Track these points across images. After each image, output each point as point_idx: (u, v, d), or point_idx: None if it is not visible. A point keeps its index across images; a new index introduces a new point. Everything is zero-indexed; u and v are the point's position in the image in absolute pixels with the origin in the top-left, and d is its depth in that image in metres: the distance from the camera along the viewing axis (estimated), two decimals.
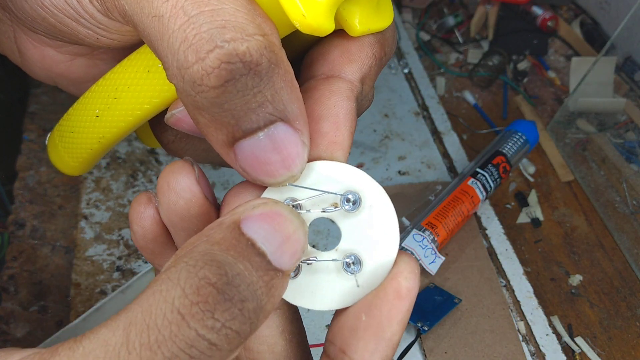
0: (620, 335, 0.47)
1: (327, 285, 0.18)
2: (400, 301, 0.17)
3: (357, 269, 0.18)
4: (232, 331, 0.14)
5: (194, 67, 0.15)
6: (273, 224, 0.16)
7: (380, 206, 0.18)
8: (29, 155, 0.58)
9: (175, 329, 0.13)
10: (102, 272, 0.48)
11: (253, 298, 0.15)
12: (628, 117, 0.60)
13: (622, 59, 0.63)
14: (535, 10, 0.72)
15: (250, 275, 0.15)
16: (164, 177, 0.20)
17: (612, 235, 0.54)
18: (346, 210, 0.18)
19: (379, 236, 0.18)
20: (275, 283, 0.15)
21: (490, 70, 0.67)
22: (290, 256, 0.16)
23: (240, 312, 0.14)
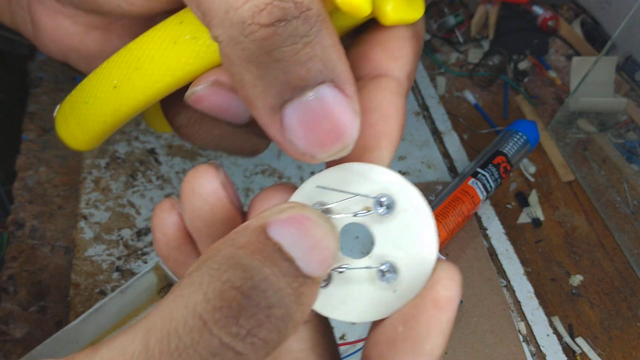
0: (621, 335, 0.47)
1: (361, 295, 0.17)
2: (439, 312, 0.16)
3: (393, 277, 0.17)
4: (258, 339, 0.13)
5: (245, 5, 0.14)
6: (301, 229, 0.15)
7: (416, 210, 0.17)
8: (28, 155, 0.58)
9: (197, 336, 0.13)
10: (101, 272, 0.48)
11: (281, 305, 0.14)
12: (629, 117, 0.60)
13: (622, 58, 0.63)
14: (535, 9, 0.71)
15: (278, 280, 0.14)
16: (189, 181, 0.19)
17: (613, 235, 0.54)
18: (379, 214, 0.17)
19: (415, 242, 0.17)
20: (304, 291, 0.14)
21: (491, 69, 0.67)
22: (320, 262, 0.15)
23: (267, 319, 0.13)
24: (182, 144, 0.59)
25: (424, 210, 0.17)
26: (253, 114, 0.16)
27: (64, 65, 0.70)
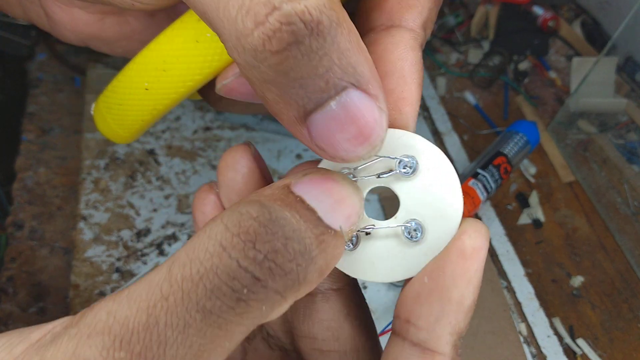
0: (621, 336, 0.47)
1: (389, 255, 0.17)
2: (464, 260, 0.15)
3: (419, 235, 0.17)
4: (275, 265, 0.13)
5: (254, 33, 0.14)
6: (324, 187, 0.15)
7: (440, 168, 0.17)
8: (27, 156, 0.58)
9: (217, 260, 0.13)
10: (101, 273, 0.48)
11: (299, 241, 0.14)
12: (629, 117, 0.60)
13: (623, 59, 0.63)
14: (536, 10, 0.71)
15: (298, 223, 0.14)
16: (223, 158, 0.20)
17: (614, 236, 0.54)
18: (403, 174, 0.17)
19: (440, 199, 0.17)
20: (326, 239, 0.15)
21: (491, 70, 0.67)
22: (344, 218, 0.15)
23: (284, 248, 0.14)
24: (181, 144, 0.59)
25: (448, 167, 0.17)
26: (281, 123, 0.17)
27: (63, 65, 0.70)
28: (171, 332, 0.13)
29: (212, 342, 0.13)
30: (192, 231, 0.51)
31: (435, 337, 0.15)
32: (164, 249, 0.50)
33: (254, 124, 0.61)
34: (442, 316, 0.15)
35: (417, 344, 0.15)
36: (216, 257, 0.13)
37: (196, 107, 0.62)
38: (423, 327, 0.15)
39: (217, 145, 0.59)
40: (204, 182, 0.55)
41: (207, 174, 0.56)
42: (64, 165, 0.58)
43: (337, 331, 0.18)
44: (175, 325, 0.13)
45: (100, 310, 0.13)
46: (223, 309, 0.13)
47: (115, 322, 0.13)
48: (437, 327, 0.15)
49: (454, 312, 0.15)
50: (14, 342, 0.14)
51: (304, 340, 0.19)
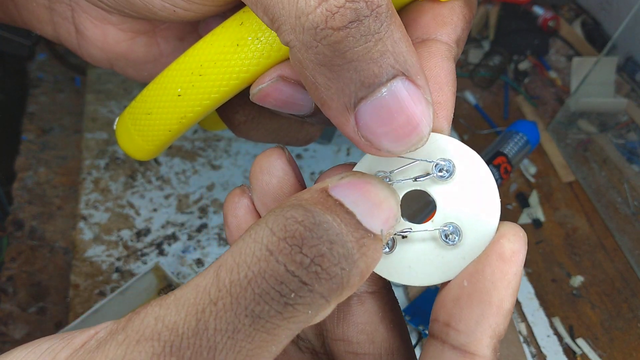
0: (621, 336, 0.47)
1: (426, 258, 0.17)
2: (504, 263, 0.15)
3: (457, 238, 0.17)
4: (322, 270, 0.13)
5: (317, 10, 0.14)
6: (361, 191, 0.15)
7: (476, 171, 0.17)
8: (27, 156, 0.58)
9: (264, 264, 0.13)
10: (101, 273, 0.48)
11: (342, 244, 0.14)
12: (629, 117, 0.60)
13: (623, 59, 0.62)
14: (536, 10, 0.71)
15: (339, 226, 0.14)
16: (257, 162, 0.20)
17: (614, 236, 0.54)
18: (439, 178, 0.17)
19: (477, 203, 0.17)
20: (366, 242, 0.15)
21: (491, 70, 0.67)
22: (382, 221, 0.15)
23: (329, 251, 0.14)
24: (181, 144, 0.59)
25: (484, 171, 0.17)
26: (326, 114, 0.16)
27: (63, 65, 0.70)
28: (220, 337, 0.13)
29: (260, 347, 0.13)
30: (192, 230, 0.51)
31: (476, 340, 0.15)
32: (163, 249, 0.50)
33: None
34: (482, 319, 0.15)
35: (457, 347, 0.15)
36: (263, 262, 0.13)
37: None
38: (463, 330, 0.15)
39: (217, 145, 0.59)
40: (203, 182, 0.55)
41: (207, 173, 0.56)
42: (64, 165, 0.58)
43: (372, 334, 0.18)
44: (225, 330, 0.13)
45: (147, 315, 0.13)
46: (271, 314, 0.13)
47: (164, 327, 0.13)
48: (477, 330, 0.15)
49: (494, 316, 0.15)
50: (56, 348, 0.14)
51: (338, 344, 0.19)
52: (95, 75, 0.65)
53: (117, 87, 0.64)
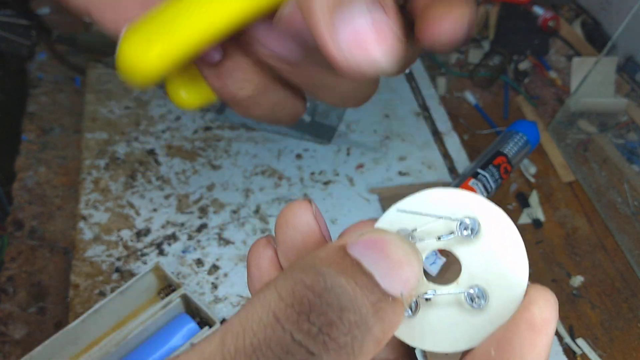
0: (621, 336, 0.47)
1: (450, 322, 0.16)
2: (534, 333, 0.14)
3: (483, 302, 0.16)
4: (330, 340, 0.13)
5: None
6: (382, 249, 0.15)
7: (503, 231, 0.16)
8: (27, 156, 0.58)
9: (270, 332, 0.13)
10: (101, 273, 0.48)
11: (355, 311, 0.13)
12: (629, 117, 0.60)
13: (623, 59, 0.63)
14: (536, 10, 0.71)
15: (354, 290, 0.14)
16: (283, 214, 0.19)
17: (614, 236, 0.54)
18: (464, 236, 0.16)
19: (505, 264, 0.16)
20: (383, 307, 0.14)
21: (491, 70, 0.67)
22: (402, 283, 0.14)
23: (339, 320, 0.13)
24: (181, 144, 0.59)
25: (512, 230, 0.16)
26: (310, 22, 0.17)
27: (63, 65, 0.70)
28: None
29: None
30: (192, 230, 0.51)
31: None
32: (163, 249, 0.50)
33: (254, 123, 0.61)
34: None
35: None
36: (269, 329, 0.13)
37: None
38: None
39: (217, 145, 0.59)
40: (203, 182, 0.55)
41: (207, 173, 0.56)
42: (64, 165, 0.58)
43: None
44: None
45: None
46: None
47: None
48: None
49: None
50: None
51: None
52: (95, 75, 0.65)
53: (117, 87, 0.64)
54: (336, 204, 0.54)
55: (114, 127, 0.60)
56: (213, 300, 0.46)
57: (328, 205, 0.54)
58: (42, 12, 0.74)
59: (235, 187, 0.55)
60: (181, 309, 0.43)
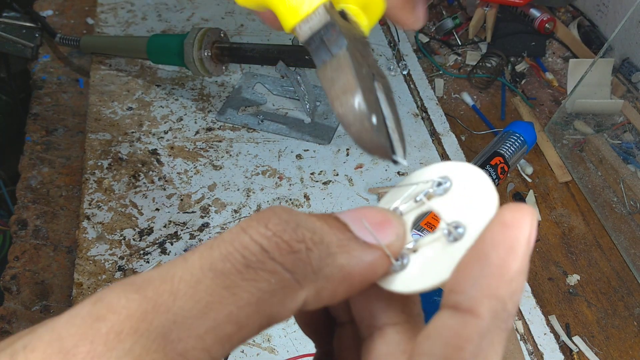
0: (617, 334, 0.48)
1: (436, 258, 0.17)
2: (505, 228, 0.15)
3: (462, 231, 0.17)
4: (282, 241, 0.14)
5: None
6: (363, 212, 0.17)
7: (470, 177, 0.18)
8: (31, 156, 0.59)
9: (235, 236, 0.15)
10: (104, 271, 0.49)
11: (314, 232, 0.15)
12: (625, 118, 0.61)
13: (619, 60, 0.63)
14: (533, 12, 0.72)
15: (322, 226, 0.15)
16: None
17: (610, 235, 0.55)
18: (437, 193, 0.18)
19: (477, 200, 0.17)
20: (351, 244, 0.16)
21: (489, 72, 0.68)
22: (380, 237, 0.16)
23: (293, 231, 0.15)
24: (183, 145, 0.59)
25: (477, 174, 0.18)
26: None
27: (67, 67, 0.70)
28: (183, 285, 0.14)
29: (220, 303, 0.14)
30: (194, 229, 0.52)
31: (470, 298, 0.14)
32: (166, 248, 0.50)
33: (255, 124, 0.61)
34: (479, 278, 0.15)
35: (452, 306, 0.15)
36: (234, 234, 0.15)
37: (198, 109, 0.63)
38: (460, 290, 0.15)
39: (219, 145, 0.59)
40: (205, 182, 0.56)
41: (208, 173, 0.57)
42: (68, 165, 0.58)
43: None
44: (188, 279, 0.14)
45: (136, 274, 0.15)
46: (232, 272, 0.14)
47: (139, 277, 0.14)
48: (472, 289, 0.15)
49: (491, 276, 0.14)
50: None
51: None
52: (98, 76, 0.66)
53: (119, 88, 0.65)
54: (335, 203, 0.54)
55: (117, 127, 0.61)
56: None
57: (327, 204, 0.54)
58: (45, 14, 0.75)
59: (237, 187, 0.56)
60: None
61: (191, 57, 0.59)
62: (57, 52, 0.70)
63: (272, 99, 0.65)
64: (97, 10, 0.75)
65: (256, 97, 0.65)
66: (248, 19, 0.75)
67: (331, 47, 0.20)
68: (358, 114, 0.20)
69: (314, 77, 0.67)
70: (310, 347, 0.44)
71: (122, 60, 0.68)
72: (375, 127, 0.20)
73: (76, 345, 0.13)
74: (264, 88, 0.66)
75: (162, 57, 0.63)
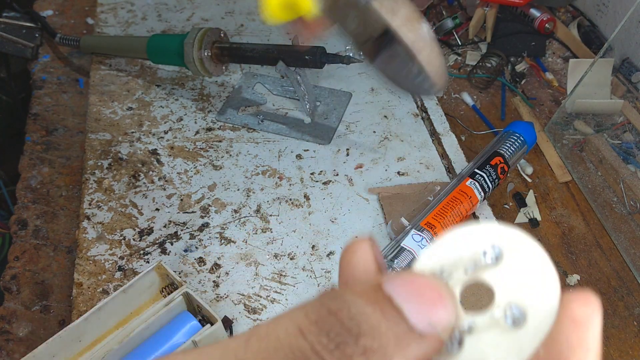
0: (617, 334, 0.48)
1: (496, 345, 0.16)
2: (579, 327, 0.15)
3: (522, 318, 0.16)
4: (344, 356, 0.14)
5: None
6: (416, 287, 0.15)
7: (525, 250, 0.17)
8: (31, 156, 0.59)
9: (294, 340, 0.14)
10: (104, 271, 0.49)
11: (374, 338, 0.14)
12: (625, 118, 0.61)
13: (619, 60, 0.63)
14: (533, 12, 0.72)
15: (378, 322, 0.14)
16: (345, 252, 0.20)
17: (610, 235, 0.55)
18: (489, 264, 0.17)
19: (534, 279, 0.17)
20: (408, 339, 0.15)
21: (489, 71, 0.68)
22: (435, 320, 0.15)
23: (355, 342, 0.14)
24: (183, 145, 0.59)
25: (534, 246, 0.17)
26: None
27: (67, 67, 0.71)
28: None
29: None
30: (194, 229, 0.52)
31: None
32: (166, 248, 0.50)
33: (255, 124, 0.61)
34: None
35: None
36: (293, 337, 0.14)
37: (198, 109, 0.63)
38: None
39: (219, 145, 0.59)
40: (205, 181, 0.56)
41: (208, 173, 0.57)
42: (68, 165, 0.58)
43: None
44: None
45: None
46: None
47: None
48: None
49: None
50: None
51: None
52: (98, 76, 0.66)
53: (120, 88, 0.65)
54: (336, 203, 0.54)
55: (117, 127, 0.61)
56: (214, 299, 0.47)
57: (328, 204, 0.54)
58: (45, 14, 0.75)
59: (237, 187, 0.56)
60: (183, 307, 0.43)
61: (191, 57, 0.59)
62: (57, 52, 0.70)
63: (272, 99, 0.65)
64: (97, 10, 0.75)
65: (256, 97, 0.65)
66: (248, 19, 0.75)
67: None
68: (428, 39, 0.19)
69: (314, 77, 0.67)
70: None
71: (122, 60, 0.68)
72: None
73: None
74: (264, 88, 0.66)
75: (162, 57, 0.63)
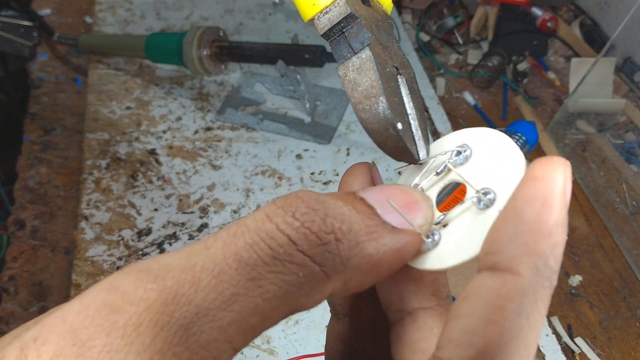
0: (619, 335, 0.48)
1: (469, 229, 0.17)
2: (536, 182, 0.14)
3: (492, 196, 0.16)
4: (311, 233, 0.14)
5: None
6: (389, 192, 0.16)
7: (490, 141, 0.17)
8: (29, 156, 0.58)
9: (260, 224, 0.14)
10: (102, 272, 0.48)
11: (342, 221, 0.14)
12: (628, 117, 0.60)
13: (621, 59, 0.63)
14: (535, 11, 0.72)
15: (350, 212, 0.15)
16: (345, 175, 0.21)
17: (612, 235, 0.54)
18: (458, 162, 0.18)
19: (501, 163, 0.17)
20: (379, 230, 0.15)
21: (490, 71, 0.67)
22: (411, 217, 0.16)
23: (322, 221, 0.14)
24: (182, 144, 0.59)
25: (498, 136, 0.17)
26: None
27: (65, 66, 0.70)
28: (206, 275, 0.13)
29: (245, 295, 0.13)
30: (193, 230, 0.52)
31: (508, 257, 0.14)
32: (164, 248, 0.50)
33: (254, 124, 0.61)
34: (515, 236, 0.14)
35: (489, 267, 0.14)
36: (260, 222, 0.14)
37: (197, 108, 0.63)
38: (496, 251, 0.14)
39: (218, 145, 0.59)
40: (204, 182, 0.56)
41: (207, 173, 0.56)
42: (66, 165, 0.58)
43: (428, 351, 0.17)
44: (211, 269, 0.13)
45: (149, 258, 0.14)
46: (258, 263, 0.13)
47: (155, 263, 0.13)
48: (510, 248, 0.14)
49: (528, 233, 0.14)
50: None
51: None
52: (96, 75, 0.65)
53: (118, 87, 0.64)
54: None
55: (115, 127, 0.60)
56: None
57: None
58: (43, 13, 0.74)
59: (236, 187, 0.55)
60: None
61: (190, 56, 0.58)
62: (55, 51, 0.69)
63: (272, 98, 0.64)
64: (95, 9, 0.74)
65: (256, 97, 0.64)
66: (247, 18, 0.74)
67: (352, 42, 0.19)
68: (383, 121, 0.18)
69: (314, 76, 0.66)
70: (310, 348, 0.44)
71: (121, 59, 0.67)
72: (401, 132, 0.18)
73: (91, 337, 0.12)
74: (263, 87, 0.65)
75: (161, 56, 0.62)
